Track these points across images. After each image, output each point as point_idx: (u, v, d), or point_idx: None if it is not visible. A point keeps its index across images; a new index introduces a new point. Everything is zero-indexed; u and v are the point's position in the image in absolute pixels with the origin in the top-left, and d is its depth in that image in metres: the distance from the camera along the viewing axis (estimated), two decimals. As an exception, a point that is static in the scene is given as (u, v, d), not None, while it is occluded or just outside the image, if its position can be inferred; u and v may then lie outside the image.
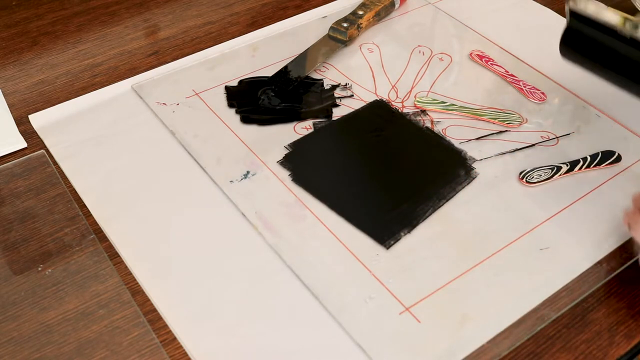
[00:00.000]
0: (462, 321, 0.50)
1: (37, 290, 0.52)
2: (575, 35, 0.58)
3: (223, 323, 0.50)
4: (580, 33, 0.58)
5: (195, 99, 0.68)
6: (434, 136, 0.64)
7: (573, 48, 0.59)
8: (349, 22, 0.74)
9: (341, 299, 0.51)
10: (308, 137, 0.64)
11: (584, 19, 0.57)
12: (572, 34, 0.59)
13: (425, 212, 0.57)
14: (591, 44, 0.58)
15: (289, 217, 0.57)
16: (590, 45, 0.58)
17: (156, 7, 0.81)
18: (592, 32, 0.57)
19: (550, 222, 0.57)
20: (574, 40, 0.59)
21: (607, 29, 0.56)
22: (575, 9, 0.58)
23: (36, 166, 0.61)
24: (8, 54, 0.74)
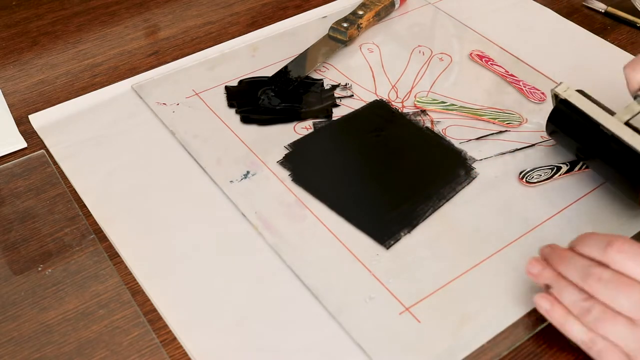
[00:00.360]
0: (462, 321, 0.50)
1: (37, 290, 0.52)
2: (561, 117, 0.59)
3: (223, 323, 0.50)
4: (566, 116, 0.58)
5: (195, 99, 0.68)
6: (434, 136, 0.64)
7: (558, 128, 0.60)
8: (349, 22, 0.74)
9: (341, 299, 0.51)
10: (308, 137, 0.64)
11: (569, 105, 0.58)
12: (558, 115, 0.59)
13: (425, 212, 0.57)
14: (574, 129, 0.58)
15: (289, 217, 0.57)
16: (573, 130, 0.58)
17: (156, 7, 0.81)
18: (577, 118, 0.58)
19: (551, 222, 0.57)
20: (559, 122, 0.59)
21: (590, 120, 0.56)
22: (559, 94, 0.59)
23: (36, 166, 0.61)
24: (8, 54, 0.74)
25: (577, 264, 0.47)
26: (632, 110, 0.55)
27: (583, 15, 0.80)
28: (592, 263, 0.46)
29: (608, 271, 0.45)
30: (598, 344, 0.45)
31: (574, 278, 0.47)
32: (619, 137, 0.54)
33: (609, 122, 0.55)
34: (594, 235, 0.47)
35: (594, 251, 0.46)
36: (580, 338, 0.46)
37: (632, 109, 0.55)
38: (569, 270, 0.47)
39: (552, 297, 0.48)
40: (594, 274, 0.45)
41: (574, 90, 0.58)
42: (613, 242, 0.45)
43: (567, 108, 0.58)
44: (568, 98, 0.58)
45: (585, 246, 0.47)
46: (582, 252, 0.47)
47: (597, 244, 0.46)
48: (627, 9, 0.80)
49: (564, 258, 0.48)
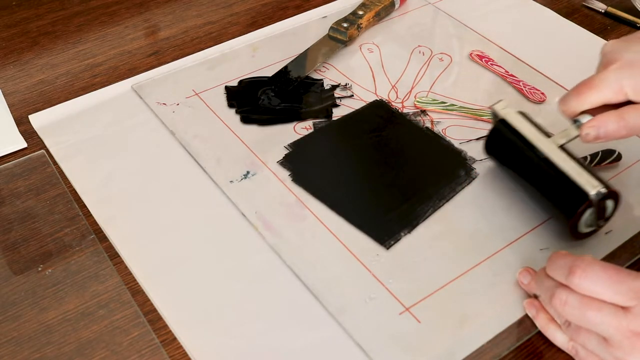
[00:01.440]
0: (462, 321, 0.50)
1: (37, 290, 0.52)
2: (498, 139, 0.58)
3: (223, 323, 0.50)
4: (504, 137, 0.57)
5: (195, 99, 0.68)
6: (434, 136, 0.64)
7: (495, 150, 0.59)
8: (349, 22, 0.74)
9: (341, 299, 0.51)
10: (308, 137, 0.64)
11: (508, 125, 0.57)
12: (496, 136, 0.58)
13: (426, 212, 0.57)
14: (512, 151, 0.57)
15: (289, 217, 0.57)
16: (511, 152, 0.57)
17: (156, 7, 0.81)
18: (514, 139, 0.56)
19: (550, 222, 0.57)
20: (496, 143, 0.58)
21: (526, 141, 0.55)
22: (497, 112, 0.57)
23: (36, 166, 0.61)
24: (8, 54, 0.74)
25: (545, 285, 0.48)
26: (568, 135, 0.54)
27: (583, 15, 0.80)
28: (559, 285, 0.46)
29: (573, 295, 0.45)
30: (580, 352, 0.47)
31: (544, 298, 0.48)
32: (552, 160, 0.53)
33: (543, 144, 0.54)
34: (560, 258, 0.47)
35: (558, 275, 0.47)
36: (563, 345, 0.48)
37: (568, 133, 0.54)
38: (539, 291, 0.49)
39: (538, 304, 0.50)
40: (559, 298, 0.46)
41: (512, 110, 0.57)
42: (575, 268, 0.45)
43: (506, 128, 0.57)
44: (505, 117, 0.57)
45: (551, 270, 0.47)
46: (549, 274, 0.48)
47: (561, 269, 0.46)
48: (627, 9, 0.80)
49: (536, 277, 0.50)
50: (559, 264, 0.46)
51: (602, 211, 0.53)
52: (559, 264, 0.46)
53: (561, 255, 0.47)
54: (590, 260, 0.45)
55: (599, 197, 0.51)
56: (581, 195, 0.51)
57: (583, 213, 0.52)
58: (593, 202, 0.51)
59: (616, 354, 0.44)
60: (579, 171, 0.52)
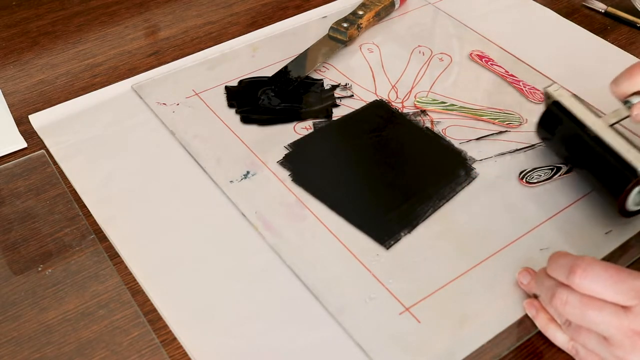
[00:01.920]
0: (462, 321, 0.50)
1: (37, 290, 0.52)
2: (552, 119, 0.59)
3: (223, 323, 0.50)
4: (556, 118, 0.59)
5: (195, 99, 0.68)
6: (433, 136, 0.64)
7: (548, 130, 0.60)
8: (349, 22, 0.74)
9: (341, 299, 0.51)
10: (308, 137, 0.64)
11: (560, 106, 0.58)
12: (549, 116, 0.59)
13: (426, 212, 0.57)
14: (564, 131, 0.58)
15: (289, 217, 0.57)
16: (562, 132, 0.58)
17: (156, 7, 0.81)
18: (566, 120, 0.58)
19: (551, 222, 0.57)
20: (549, 123, 0.60)
21: (578, 121, 0.57)
22: (551, 94, 0.59)
23: (36, 166, 0.61)
24: (8, 54, 0.74)
25: (545, 284, 0.48)
26: (619, 115, 0.56)
27: (583, 15, 0.80)
28: (559, 285, 0.46)
29: (574, 295, 0.45)
30: (580, 352, 0.47)
31: (544, 298, 0.48)
32: (602, 138, 0.54)
33: (594, 124, 0.55)
34: (561, 257, 0.47)
35: (559, 275, 0.47)
36: (564, 345, 0.48)
37: (619, 113, 0.56)
38: (539, 291, 0.49)
39: (538, 304, 0.50)
40: (559, 298, 0.46)
41: (565, 92, 0.58)
42: (576, 268, 0.45)
43: (558, 109, 0.58)
44: (559, 98, 0.58)
45: (551, 270, 0.47)
46: (549, 274, 0.48)
47: (561, 268, 0.46)
48: (627, 9, 0.80)
49: (536, 278, 0.50)
50: (559, 263, 0.46)
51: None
52: (560, 264, 0.46)
53: (562, 255, 0.47)
54: (591, 260, 0.45)
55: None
56: (631, 171, 0.52)
57: (632, 189, 0.53)
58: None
59: (617, 353, 0.44)
60: (628, 148, 0.53)
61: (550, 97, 0.59)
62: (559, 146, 0.60)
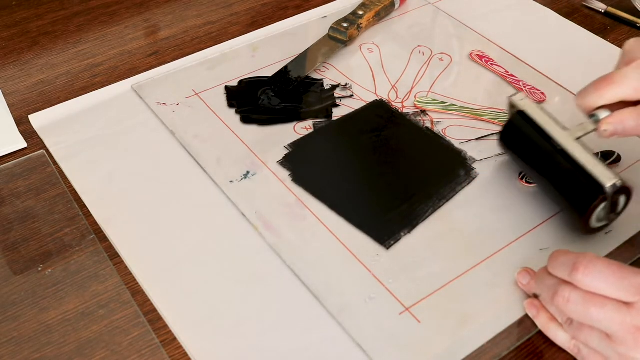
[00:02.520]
0: (462, 321, 0.50)
1: (37, 290, 0.52)
2: (515, 130, 0.58)
3: (223, 323, 0.50)
4: (519, 130, 0.57)
5: (195, 99, 0.68)
6: (434, 136, 0.64)
7: (511, 141, 0.59)
8: (349, 22, 0.74)
9: (341, 299, 0.51)
10: (308, 137, 0.64)
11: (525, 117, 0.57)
12: (512, 128, 0.58)
13: (425, 212, 0.57)
14: (528, 142, 0.57)
15: (289, 217, 0.57)
16: (527, 144, 0.57)
17: (156, 7, 0.81)
18: (531, 131, 0.56)
19: (551, 222, 0.57)
20: (512, 135, 0.58)
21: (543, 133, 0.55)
22: (515, 104, 0.57)
23: (36, 166, 0.61)
24: (8, 54, 0.74)
25: (546, 283, 0.48)
26: (585, 129, 0.54)
27: (583, 15, 0.80)
28: (561, 282, 0.46)
29: (576, 292, 0.45)
30: (582, 351, 0.47)
31: (545, 297, 0.48)
32: (568, 152, 0.53)
33: (560, 136, 0.54)
34: (562, 255, 0.47)
35: (561, 273, 0.47)
36: (565, 344, 0.48)
37: (585, 127, 0.54)
38: (540, 290, 0.49)
39: (539, 304, 0.50)
40: (561, 295, 0.46)
41: (530, 102, 0.57)
42: (578, 265, 0.45)
43: (523, 120, 0.57)
44: (524, 108, 0.57)
45: (553, 268, 0.47)
46: (551, 272, 0.48)
47: (563, 265, 0.46)
48: (627, 9, 0.80)
49: (537, 277, 0.50)
50: (561, 261, 0.46)
51: (614, 205, 0.53)
52: (562, 261, 0.46)
53: (563, 253, 0.47)
54: (592, 257, 0.45)
55: (614, 189, 0.51)
56: (597, 187, 0.51)
57: (598, 206, 0.52)
58: (608, 194, 0.51)
59: (619, 350, 0.44)
60: (595, 164, 0.52)
61: (515, 107, 0.58)
62: (522, 157, 0.58)
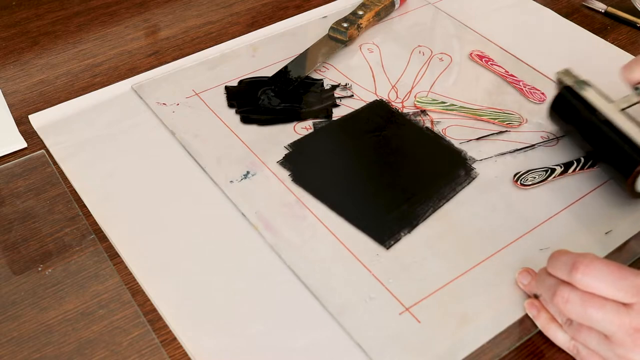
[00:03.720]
0: (462, 321, 0.50)
1: (37, 290, 0.52)
2: (563, 103, 0.61)
3: (223, 323, 0.50)
4: (568, 102, 0.60)
5: (196, 99, 0.68)
6: (434, 136, 0.64)
7: (559, 114, 0.62)
8: (349, 22, 0.74)
9: (341, 299, 0.51)
10: (308, 137, 0.64)
11: (572, 91, 0.60)
12: (561, 101, 0.61)
13: (425, 212, 0.57)
14: (575, 115, 0.60)
15: (289, 217, 0.57)
16: (574, 116, 0.60)
17: (156, 7, 0.81)
18: (578, 104, 0.60)
19: (550, 222, 0.57)
20: (561, 107, 0.61)
21: (589, 106, 0.59)
22: (562, 79, 0.61)
23: (36, 166, 0.61)
24: (8, 54, 0.74)
25: (546, 283, 0.48)
26: (629, 100, 0.57)
27: (583, 15, 0.80)
28: (560, 282, 0.46)
29: (575, 292, 0.45)
30: (581, 351, 0.47)
31: (545, 297, 0.48)
32: (613, 122, 0.56)
33: (605, 108, 0.57)
34: (562, 255, 0.47)
35: (560, 272, 0.47)
36: (564, 345, 0.48)
37: (629, 99, 0.57)
38: (540, 290, 0.49)
39: (539, 304, 0.50)
40: (560, 296, 0.46)
41: (577, 77, 0.60)
42: (578, 265, 0.45)
43: (569, 94, 0.60)
44: (569, 82, 0.60)
45: (552, 267, 0.47)
46: (551, 272, 0.48)
47: (563, 265, 0.46)
48: (627, 9, 0.80)
49: (537, 277, 0.50)
50: (561, 260, 0.46)
51: None
52: (561, 261, 0.46)
53: (563, 253, 0.47)
54: (592, 257, 0.45)
55: None
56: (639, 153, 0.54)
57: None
58: None
59: (618, 351, 0.44)
60: (637, 132, 0.55)
61: (562, 82, 0.61)
62: (571, 130, 0.61)
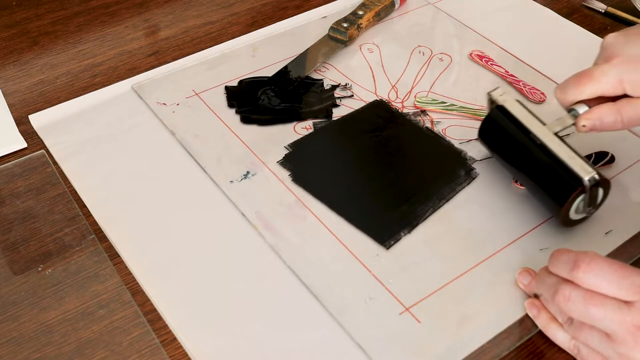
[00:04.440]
0: (462, 321, 0.50)
1: (37, 290, 0.52)
2: (495, 124, 0.58)
3: (223, 323, 0.50)
4: (499, 123, 0.57)
5: (196, 99, 0.68)
6: (434, 136, 0.64)
7: (490, 135, 0.59)
8: (349, 22, 0.74)
9: (341, 299, 0.51)
10: (308, 137, 0.64)
11: (505, 112, 0.57)
12: (492, 121, 0.58)
13: (425, 212, 0.57)
14: (505, 137, 0.57)
15: (289, 217, 0.57)
16: (504, 139, 0.57)
17: (156, 7, 0.81)
18: (509, 126, 0.56)
19: (551, 222, 0.57)
20: (492, 128, 0.58)
21: (523, 127, 0.55)
22: (495, 99, 0.58)
23: (36, 166, 0.61)
24: (8, 54, 0.74)
25: (547, 282, 0.48)
26: (563, 123, 0.54)
27: (583, 15, 0.80)
28: (561, 281, 0.46)
29: (577, 290, 0.45)
30: (582, 351, 0.47)
31: (546, 296, 0.48)
32: (547, 146, 0.53)
33: (539, 130, 0.54)
34: (563, 254, 0.47)
35: (561, 270, 0.47)
36: (565, 344, 0.48)
37: (563, 121, 0.55)
38: (541, 289, 0.49)
39: (539, 304, 0.50)
40: (562, 294, 0.46)
41: (509, 97, 0.57)
42: (579, 263, 0.45)
43: (501, 114, 0.57)
44: (503, 103, 0.57)
45: (554, 266, 0.47)
46: (552, 271, 0.48)
47: (565, 263, 0.46)
48: (627, 9, 0.80)
49: (537, 276, 0.50)
50: (562, 259, 0.46)
51: (593, 198, 0.53)
52: (563, 259, 0.46)
53: (564, 251, 0.47)
54: (594, 255, 0.45)
55: (592, 182, 0.51)
56: (575, 180, 0.52)
57: (576, 198, 0.52)
58: (586, 187, 0.51)
59: (619, 349, 0.44)
60: (573, 157, 0.53)
61: (494, 102, 0.58)
62: (500, 153, 0.58)
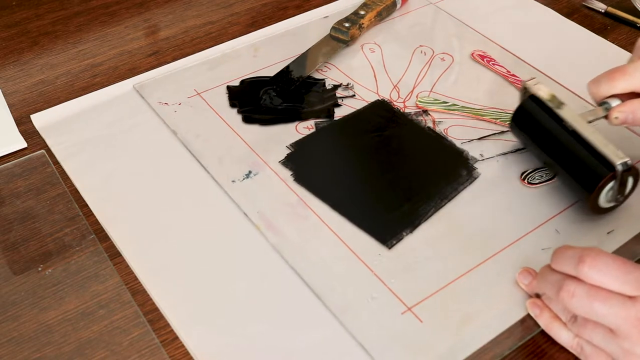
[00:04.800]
0: (464, 321, 0.50)
1: (37, 290, 0.52)
2: (526, 115, 0.59)
3: (224, 323, 0.50)
4: (530, 114, 0.59)
5: (197, 98, 0.68)
6: (435, 136, 0.64)
7: (523, 123, 0.60)
8: (350, 22, 0.74)
9: (343, 298, 0.51)
10: (310, 137, 0.64)
11: (537, 101, 0.58)
12: (523, 113, 0.59)
13: (427, 212, 0.57)
14: (538, 125, 0.58)
15: (291, 217, 0.57)
16: (537, 127, 0.58)
17: (156, 7, 0.81)
18: (541, 115, 0.58)
19: (552, 222, 0.57)
20: (525, 116, 0.59)
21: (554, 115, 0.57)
22: (529, 88, 0.59)
23: (36, 166, 0.61)
24: (8, 54, 0.74)
25: (550, 279, 0.48)
26: (595, 114, 0.56)
27: (583, 15, 0.80)
28: (566, 277, 0.46)
29: (582, 286, 0.45)
30: (585, 349, 0.47)
31: (549, 293, 0.48)
32: (579, 132, 0.54)
33: (572, 118, 0.56)
34: (567, 250, 0.47)
35: (566, 267, 0.46)
36: (568, 343, 0.48)
37: (595, 112, 0.56)
38: (544, 287, 0.49)
39: (541, 303, 0.50)
40: (566, 290, 0.45)
41: (543, 86, 0.58)
42: (584, 258, 0.45)
43: (534, 103, 0.59)
44: (537, 92, 0.58)
45: (558, 263, 0.47)
46: (556, 268, 0.47)
47: (569, 259, 0.46)
48: (627, 9, 0.80)
49: (540, 275, 0.50)
50: (567, 255, 0.46)
51: (622, 186, 0.54)
52: (567, 255, 0.46)
53: (568, 248, 0.47)
54: (598, 251, 0.45)
55: (624, 167, 0.52)
56: (607, 165, 0.52)
57: (607, 183, 0.53)
58: (618, 172, 0.52)
59: (624, 345, 0.44)
60: (605, 144, 0.53)
61: (528, 91, 0.59)
62: (533, 139, 0.59)
